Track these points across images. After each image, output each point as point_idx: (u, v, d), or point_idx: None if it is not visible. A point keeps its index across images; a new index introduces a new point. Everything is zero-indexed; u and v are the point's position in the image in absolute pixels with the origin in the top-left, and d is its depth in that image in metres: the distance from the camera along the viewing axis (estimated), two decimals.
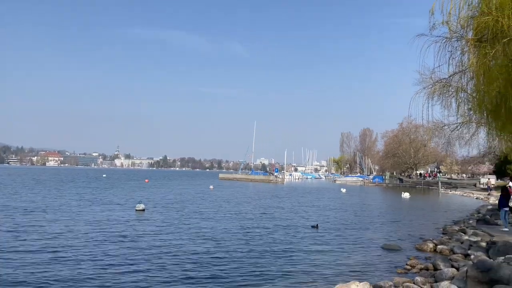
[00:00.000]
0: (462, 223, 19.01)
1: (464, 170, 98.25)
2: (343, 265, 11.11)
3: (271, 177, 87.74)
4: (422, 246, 13.39)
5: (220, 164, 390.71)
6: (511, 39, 11.08)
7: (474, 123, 17.92)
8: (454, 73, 14.53)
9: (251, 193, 45.11)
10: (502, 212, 15.81)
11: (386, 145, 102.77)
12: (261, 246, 13.37)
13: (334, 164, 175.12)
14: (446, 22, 12.73)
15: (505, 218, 15.64)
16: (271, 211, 25.45)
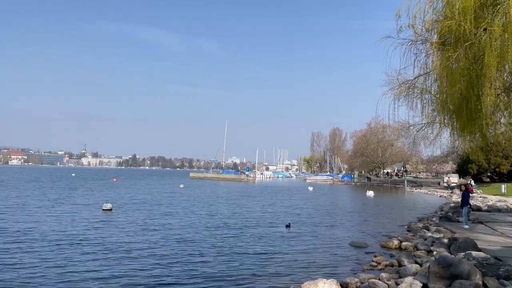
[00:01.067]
0: (426, 221, 19.64)
1: (429, 169, 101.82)
2: (311, 263, 11.23)
3: (243, 176, 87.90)
4: (388, 243, 13.73)
5: (191, 163, 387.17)
6: (472, 43, 11.53)
7: (438, 124, 18.48)
8: (419, 75, 14.99)
9: (222, 192, 44.95)
10: (463, 209, 16.31)
11: (355, 145, 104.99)
12: (231, 247, 13.29)
13: (304, 163, 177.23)
14: (411, 25, 13.13)
15: (465, 216, 16.19)
16: (242, 210, 25.43)
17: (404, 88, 15.73)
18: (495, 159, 52.34)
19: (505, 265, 8.41)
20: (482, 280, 7.58)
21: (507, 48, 10.28)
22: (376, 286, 7.99)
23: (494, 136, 19.25)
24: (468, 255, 9.12)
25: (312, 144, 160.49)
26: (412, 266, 9.43)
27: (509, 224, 16.52)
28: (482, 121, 13.80)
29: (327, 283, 7.72)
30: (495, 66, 10.74)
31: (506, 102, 13.59)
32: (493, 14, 10.76)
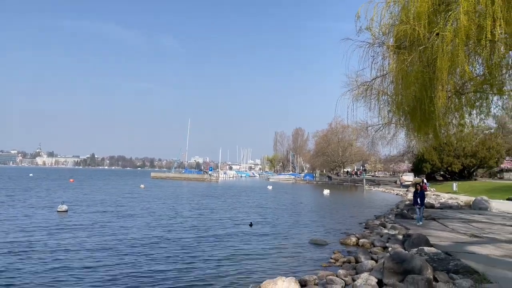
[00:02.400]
0: (382, 218, 20.29)
1: (386, 168, 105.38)
2: (272, 261, 11.31)
3: (205, 175, 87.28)
4: (346, 240, 14.06)
5: (152, 163, 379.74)
6: (426, 47, 11.99)
7: (394, 124, 19.09)
8: (376, 77, 15.43)
9: (184, 192, 44.40)
10: (416, 208, 16.80)
11: (317, 144, 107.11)
12: (191, 248, 13.12)
13: (268, 162, 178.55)
14: (369, 28, 13.47)
15: (418, 214, 16.67)
16: (204, 210, 25.23)
17: (362, 90, 16.16)
18: (447, 159, 54.97)
19: (455, 260, 8.83)
20: (433, 274, 7.92)
21: (458, 52, 10.76)
22: (334, 283, 8.16)
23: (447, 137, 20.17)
24: (421, 251, 9.50)
25: (275, 144, 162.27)
26: (368, 262, 9.72)
27: (459, 221, 17.37)
28: (435, 122, 14.41)
29: (286, 281, 7.78)
30: (447, 70, 11.20)
31: (457, 104, 14.23)
32: (445, 19, 11.22)
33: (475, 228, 14.89)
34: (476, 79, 12.50)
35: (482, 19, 10.34)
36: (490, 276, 7.64)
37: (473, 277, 7.69)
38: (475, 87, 12.96)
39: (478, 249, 10.63)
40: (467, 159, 54.40)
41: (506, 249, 10.71)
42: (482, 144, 53.10)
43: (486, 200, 24.05)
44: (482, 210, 22.56)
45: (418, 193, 16.57)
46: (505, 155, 58.84)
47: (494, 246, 11.13)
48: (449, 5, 11.38)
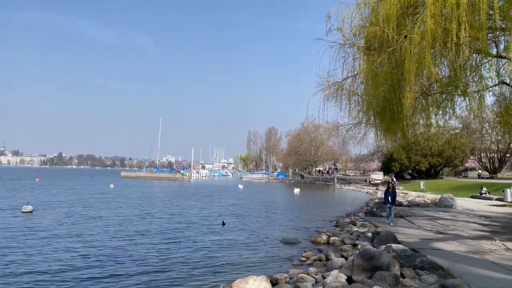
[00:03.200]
0: (352, 216, 20.66)
1: (357, 167, 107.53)
2: (243, 260, 11.29)
3: (178, 175, 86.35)
4: (317, 238, 14.22)
5: (123, 162, 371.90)
6: (395, 49, 12.27)
7: (364, 124, 19.45)
8: (347, 77, 15.68)
9: (156, 192, 43.75)
10: (387, 207, 16.30)
11: (289, 144, 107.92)
12: (162, 248, 12.93)
13: (241, 161, 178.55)
14: (340, 29, 13.68)
15: (390, 213, 16.22)
16: (176, 210, 24.94)
17: (333, 90, 16.39)
18: (415, 158, 56.62)
19: (421, 256, 9.09)
20: (400, 270, 8.12)
21: (425, 54, 11.07)
22: (304, 280, 8.23)
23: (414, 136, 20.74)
24: (389, 248, 9.72)
25: (248, 143, 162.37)
26: (338, 260, 9.87)
27: (425, 218, 17.90)
28: (403, 122, 14.79)
29: (257, 280, 7.79)
30: (414, 71, 11.50)
31: (424, 105, 14.66)
32: (413, 22, 11.53)
33: (441, 225, 15.39)
34: (442, 80, 12.91)
35: (448, 22, 10.68)
36: (454, 272, 7.90)
37: (438, 273, 7.94)
38: (441, 89, 13.38)
39: (443, 245, 10.98)
40: (433, 158, 56.19)
41: (469, 245, 11.11)
42: (448, 143, 55.02)
43: (452, 198, 24.89)
44: (448, 208, 23.33)
45: (389, 192, 16.15)
46: (469, 155, 61.20)
47: (458, 242, 11.53)
48: (417, 8, 11.70)
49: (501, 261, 8.95)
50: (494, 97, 15.11)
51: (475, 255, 9.74)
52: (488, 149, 64.18)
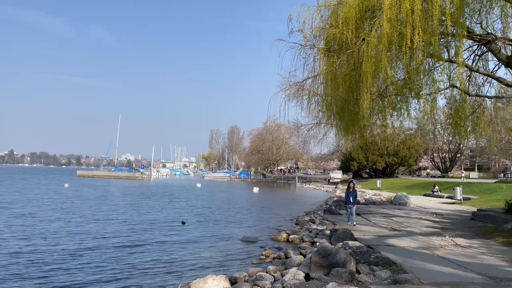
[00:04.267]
0: (312, 214, 21.02)
1: (317, 166, 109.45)
2: (203, 260, 11.20)
3: (137, 174, 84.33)
4: (277, 236, 14.36)
5: (79, 160, 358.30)
6: (353, 51, 12.57)
7: (324, 124, 19.82)
8: (308, 78, 15.91)
9: (113, 191, 42.49)
10: (348, 208, 15.57)
11: (252, 143, 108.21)
12: (118, 248, 12.58)
13: (203, 160, 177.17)
14: (301, 30, 13.87)
15: (351, 213, 15.41)
16: (133, 209, 24.34)
17: (294, 90, 16.60)
18: (372, 157, 58.48)
19: (375, 253, 9.39)
20: (356, 267, 8.36)
21: (381, 57, 11.43)
22: (263, 279, 8.27)
23: (372, 136, 21.38)
24: (345, 245, 9.97)
25: (210, 142, 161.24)
26: (297, 257, 10.00)
27: (381, 215, 18.53)
28: (361, 123, 15.22)
29: (216, 279, 7.74)
30: (371, 74, 11.85)
31: (380, 106, 15.14)
32: (371, 26, 11.88)
33: (395, 222, 15.98)
34: (397, 83, 13.39)
35: (403, 27, 11.09)
36: (406, 267, 8.23)
37: (392, 268, 8.24)
38: (396, 91, 13.86)
39: (396, 241, 11.41)
40: (390, 158, 58.29)
41: (421, 241, 11.62)
42: (403, 144, 57.28)
43: (406, 196, 25.96)
44: (402, 205, 24.30)
45: (350, 192, 15.28)
46: (423, 154, 64.06)
47: (411, 238, 12.02)
48: (374, 12, 12.05)
49: (450, 256, 9.41)
50: (446, 99, 15.86)
51: (426, 250, 10.20)
52: (440, 149, 67.53)
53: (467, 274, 7.74)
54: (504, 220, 14.14)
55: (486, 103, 15.21)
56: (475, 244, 11.23)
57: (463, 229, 14.11)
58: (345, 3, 12.42)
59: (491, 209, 18.35)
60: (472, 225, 15.23)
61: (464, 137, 16.57)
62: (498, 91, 15.70)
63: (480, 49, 14.46)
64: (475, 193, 28.65)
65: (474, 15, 13.82)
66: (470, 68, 13.94)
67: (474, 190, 29.77)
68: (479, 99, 14.65)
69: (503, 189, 25.79)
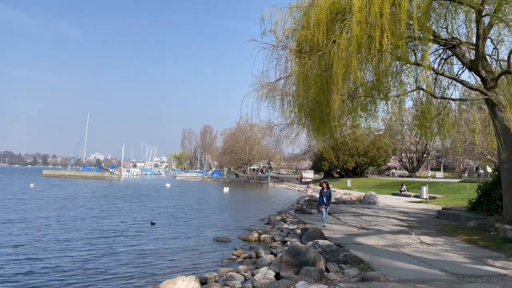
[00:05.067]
0: (283, 214, 21.18)
1: (290, 166, 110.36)
2: (173, 261, 11.08)
3: (106, 173, 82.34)
4: (248, 236, 14.38)
5: (45, 160, 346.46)
6: (324, 52, 12.74)
7: (296, 124, 19.98)
8: (280, 78, 16.01)
9: (81, 192, 41.36)
10: (322, 208, 15.05)
11: (225, 142, 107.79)
12: (85, 252, 12.20)
13: (175, 160, 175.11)
14: (273, 31, 13.96)
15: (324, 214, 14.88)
16: (101, 211, 23.77)
17: (266, 90, 16.66)
18: (343, 157, 59.50)
19: (344, 251, 9.57)
20: (325, 265, 8.49)
21: (351, 59, 11.65)
22: (233, 279, 8.27)
23: (342, 137, 21.75)
24: (315, 244, 10.09)
25: (183, 141, 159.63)
26: (268, 256, 10.06)
27: (351, 214, 18.87)
28: (332, 123, 15.47)
29: (186, 280, 7.67)
30: (342, 75, 12.05)
31: (350, 107, 15.40)
32: (341, 28, 12.09)
33: (364, 221, 16.32)
34: (366, 84, 13.66)
35: (373, 30, 11.34)
36: (374, 265, 8.42)
37: (360, 266, 8.41)
38: (365, 92, 14.13)
39: (365, 240, 11.65)
40: (360, 158, 59.48)
41: (388, 239, 11.92)
42: (373, 144, 58.59)
43: (374, 195, 26.56)
44: (371, 204, 24.84)
45: (324, 192, 14.71)
46: (391, 155, 65.74)
47: (379, 237, 12.32)
48: (345, 15, 12.25)
49: (415, 254, 9.70)
50: (413, 101, 16.34)
51: (393, 248, 10.47)
52: (408, 149, 69.50)
53: (431, 271, 8.00)
54: (467, 219, 14.70)
55: (451, 105, 15.73)
56: (440, 241, 11.62)
57: (429, 227, 14.58)
58: (316, 5, 12.57)
59: (455, 208, 19.05)
60: (437, 223, 15.76)
61: (430, 138, 17.10)
62: (462, 94, 16.29)
63: (446, 53, 14.99)
64: (441, 192, 29.66)
65: (440, 20, 14.30)
66: (436, 71, 14.40)
67: (440, 190, 30.81)
68: (444, 101, 15.14)
69: (467, 188, 26.79)
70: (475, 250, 10.27)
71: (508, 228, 11.09)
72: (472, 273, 7.85)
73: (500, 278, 7.51)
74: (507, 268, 8.25)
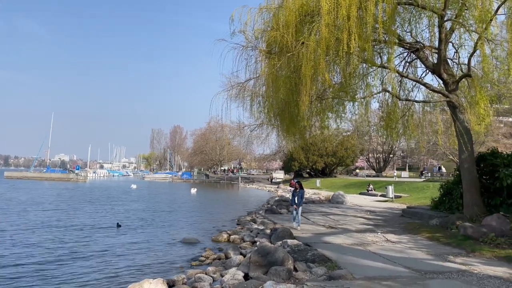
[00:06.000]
0: (254, 214, 21.18)
1: (260, 166, 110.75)
2: (140, 264, 10.84)
3: (71, 175, 79.89)
4: (218, 237, 14.29)
5: (7, 161, 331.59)
6: (293, 54, 12.85)
7: (266, 125, 20.05)
8: (250, 79, 16.04)
9: (44, 194, 39.87)
10: (293, 210, 14.57)
11: (195, 143, 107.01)
12: (48, 255, 11.73)
13: (144, 160, 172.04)
14: (243, 32, 13.97)
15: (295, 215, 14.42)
16: (64, 213, 23.00)
17: (236, 90, 16.63)
18: (312, 157, 60.31)
19: (312, 250, 9.69)
20: (294, 264, 8.56)
21: (320, 61, 11.81)
22: (202, 280, 8.20)
23: (311, 137, 22.04)
24: (284, 244, 10.17)
25: (152, 141, 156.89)
26: (237, 257, 10.03)
27: (320, 214, 19.15)
28: (301, 124, 15.65)
29: (153, 283, 7.54)
30: (310, 77, 12.20)
31: (319, 109, 15.64)
32: (310, 30, 12.23)
33: (332, 220, 16.59)
34: (334, 86, 13.91)
35: (340, 32, 11.55)
36: (341, 263, 8.57)
37: (327, 265, 8.54)
38: (333, 94, 14.40)
39: (333, 239, 11.85)
40: (329, 158, 60.48)
41: (355, 238, 12.16)
42: (341, 144, 59.73)
43: (343, 195, 27.06)
44: (339, 204, 25.30)
45: (297, 192, 14.21)
46: (359, 155, 67.24)
47: (346, 235, 12.55)
48: (313, 17, 12.43)
49: (381, 252, 9.95)
50: (379, 103, 16.76)
51: (360, 247, 10.70)
52: (375, 150, 71.30)
53: (395, 268, 8.23)
54: (430, 217, 15.22)
55: (415, 107, 16.28)
56: (404, 239, 11.97)
57: (394, 226, 14.99)
58: (285, 7, 12.68)
59: (419, 206, 19.68)
60: (402, 221, 16.23)
61: (395, 139, 17.62)
62: (426, 96, 16.88)
63: (410, 56, 15.47)
64: (406, 192, 30.59)
65: (404, 24, 14.76)
66: (401, 74, 14.84)
67: (405, 189, 31.77)
68: (409, 103, 15.64)
69: (430, 187, 27.72)
70: (437, 247, 10.64)
71: (468, 225, 11.56)
72: (434, 270, 8.13)
73: (460, 274, 7.81)
74: (467, 264, 8.60)
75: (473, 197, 13.53)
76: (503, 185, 13.24)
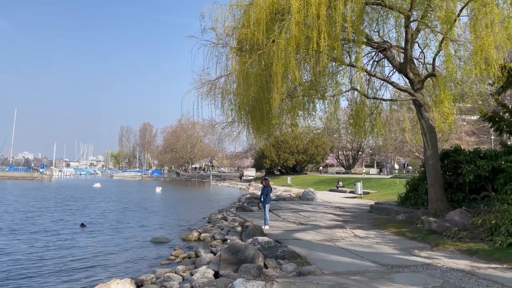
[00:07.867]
0: (225, 212, 21.11)
1: (232, 164, 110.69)
2: (107, 264, 10.58)
3: (36, 174, 77.10)
4: (188, 235, 14.13)
5: None
6: (264, 52, 12.87)
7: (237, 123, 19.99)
8: (221, 76, 15.90)
9: (6, 194, 38.27)
10: (267, 207, 14.09)
11: (165, 140, 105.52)
12: (6, 259, 11.22)
13: (112, 159, 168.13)
14: (213, 29, 13.86)
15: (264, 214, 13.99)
16: (26, 213, 22.15)
17: (207, 88, 16.46)
18: (283, 155, 60.80)
19: (283, 247, 9.76)
20: (264, 261, 8.59)
21: (290, 59, 11.88)
22: (171, 279, 8.09)
23: (282, 135, 22.19)
24: (255, 241, 10.19)
25: (120, 139, 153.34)
26: (207, 255, 9.97)
27: (290, 211, 19.29)
28: (272, 122, 15.71)
29: (120, 283, 7.36)
30: (281, 75, 12.25)
31: (289, 106, 15.73)
32: (280, 28, 12.28)
33: (302, 217, 16.77)
34: (305, 84, 14.05)
35: (310, 31, 11.65)
36: (310, 259, 8.67)
37: (297, 261, 8.62)
38: (304, 92, 14.53)
39: (303, 235, 11.97)
40: (299, 156, 61.13)
41: (325, 234, 12.34)
42: (312, 142, 60.52)
43: (313, 192, 27.39)
44: (309, 201, 25.59)
45: (265, 189, 14.11)
46: (329, 152, 68.32)
47: (316, 232, 12.72)
48: (284, 15, 12.48)
49: (349, 247, 10.14)
50: (347, 101, 17.07)
51: (329, 242, 10.86)
52: (344, 147, 72.63)
53: (363, 263, 8.40)
54: (396, 212, 15.65)
55: (383, 106, 16.65)
56: (372, 234, 12.25)
57: (362, 221, 15.31)
58: (256, 4, 12.67)
59: (386, 202, 20.21)
60: (370, 217, 16.60)
61: (363, 137, 17.98)
62: (393, 95, 17.30)
63: (378, 55, 15.82)
64: (374, 188, 31.31)
65: (372, 23, 15.06)
66: (369, 73, 15.16)
67: (373, 185, 32.51)
68: (377, 101, 15.99)
69: (397, 184, 28.48)
70: (403, 242, 10.95)
71: (432, 220, 11.95)
72: (400, 264, 8.36)
73: (425, 267, 8.07)
74: (431, 258, 8.89)
75: (437, 193, 14.01)
76: (465, 181, 13.76)
